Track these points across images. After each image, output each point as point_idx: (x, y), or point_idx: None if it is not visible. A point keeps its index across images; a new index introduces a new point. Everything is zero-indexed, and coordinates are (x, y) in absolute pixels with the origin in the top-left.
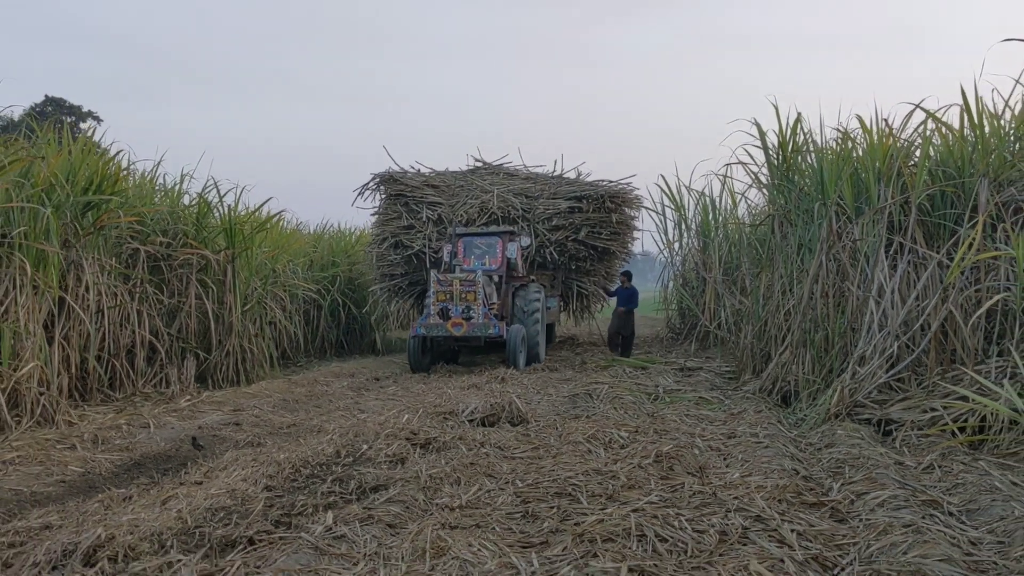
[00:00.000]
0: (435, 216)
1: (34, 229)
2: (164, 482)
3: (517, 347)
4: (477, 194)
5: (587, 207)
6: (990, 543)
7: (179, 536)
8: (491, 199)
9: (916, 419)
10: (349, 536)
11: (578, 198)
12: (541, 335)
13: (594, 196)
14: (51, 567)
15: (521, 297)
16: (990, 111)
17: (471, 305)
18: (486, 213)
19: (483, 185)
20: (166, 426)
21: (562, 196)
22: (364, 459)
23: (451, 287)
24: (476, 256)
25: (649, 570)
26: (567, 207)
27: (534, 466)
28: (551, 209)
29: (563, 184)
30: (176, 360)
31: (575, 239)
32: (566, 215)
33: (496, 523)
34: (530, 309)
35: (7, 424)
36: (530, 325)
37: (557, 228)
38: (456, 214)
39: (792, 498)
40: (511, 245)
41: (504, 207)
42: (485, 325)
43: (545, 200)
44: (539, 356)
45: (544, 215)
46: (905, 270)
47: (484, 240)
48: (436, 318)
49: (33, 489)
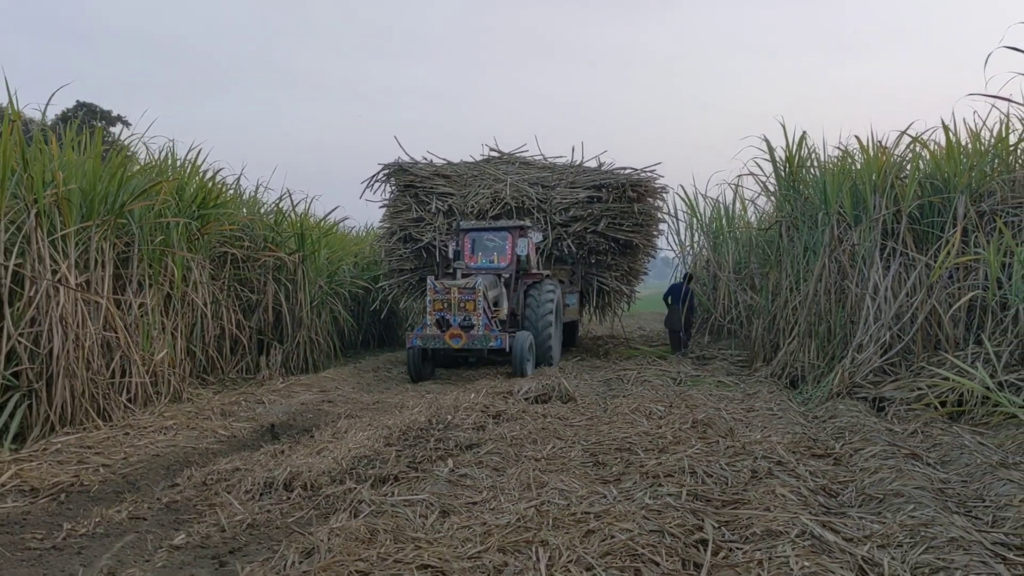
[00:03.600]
0: (445, 207)
1: (168, 239)
2: (303, 440)
3: (524, 356)
4: (490, 184)
5: (607, 196)
6: (956, 481)
7: (343, 474)
8: (504, 189)
9: (905, 396)
10: (470, 475)
11: (597, 187)
12: (554, 337)
13: (614, 184)
14: (260, 493)
15: (533, 296)
16: (972, 130)
17: (470, 315)
18: (499, 204)
19: (496, 174)
20: (275, 403)
21: (581, 185)
22: (453, 426)
23: (449, 295)
24: (484, 253)
25: (703, 494)
26: (586, 196)
27: (592, 431)
28: (568, 199)
29: (582, 173)
30: (254, 350)
31: (594, 231)
32: (584, 205)
33: (575, 468)
34: (543, 311)
35: (151, 399)
36: (542, 328)
37: (575, 219)
38: (467, 205)
39: (804, 451)
40: (522, 241)
41: (518, 197)
42: (486, 337)
43: (562, 189)
44: (551, 359)
45: (561, 205)
46: (897, 271)
47: (493, 236)
48: (433, 329)
49: (202, 446)
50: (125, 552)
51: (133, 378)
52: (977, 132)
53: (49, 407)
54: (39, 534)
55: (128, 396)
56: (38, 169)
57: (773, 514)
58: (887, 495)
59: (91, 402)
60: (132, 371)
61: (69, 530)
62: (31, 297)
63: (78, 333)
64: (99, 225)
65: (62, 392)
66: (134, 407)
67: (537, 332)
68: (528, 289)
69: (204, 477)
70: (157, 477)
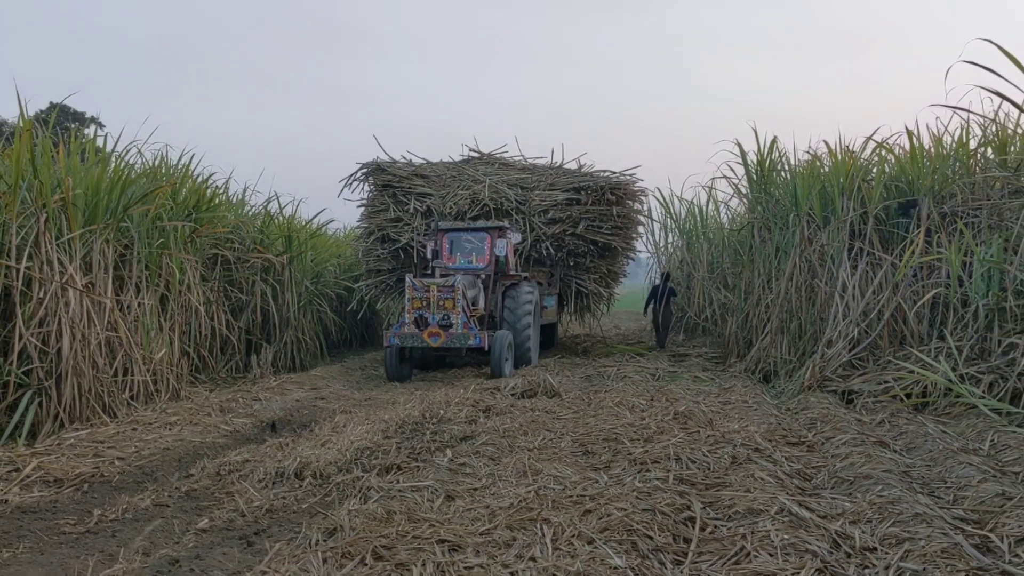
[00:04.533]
0: (423, 208)
1: (167, 241)
2: (305, 434)
3: (503, 355)
4: (468, 184)
5: (586, 199)
6: (920, 465)
7: (349, 464)
8: (483, 190)
9: (872, 389)
10: (468, 463)
11: (577, 189)
12: (533, 338)
13: (593, 187)
14: (272, 482)
15: (512, 297)
16: (935, 135)
17: (449, 313)
18: (477, 205)
19: (475, 175)
20: (270, 400)
21: (559, 187)
22: (446, 419)
23: (427, 293)
24: (462, 254)
25: (688, 478)
26: (564, 199)
27: (579, 423)
28: (547, 201)
29: (561, 175)
30: (242, 350)
31: (573, 233)
32: (563, 207)
33: (566, 457)
34: (521, 312)
35: (151, 397)
36: (520, 329)
37: (554, 221)
38: (446, 206)
39: (779, 439)
40: (500, 242)
41: (497, 198)
42: (465, 335)
43: (541, 191)
44: (530, 359)
45: (540, 207)
46: (864, 270)
47: (471, 236)
48: (411, 327)
49: (207, 440)
50: (155, 535)
51: (135, 376)
52: (939, 137)
53: (59, 404)
54: (71, 520)
55: (131, 394)
56: (47, 175)
57: (753, 495)
58: (857, 478)
59: (97, 399)
60: (134, 369)
61: (100, 516)
62: (40, 298)
63: (84, 333)
64: (102, 229)
65: (71, 389)
66: (136, 404)
67: (516, 333)
68: (506, 290)
69: (217, 468)
70: (171, 468)
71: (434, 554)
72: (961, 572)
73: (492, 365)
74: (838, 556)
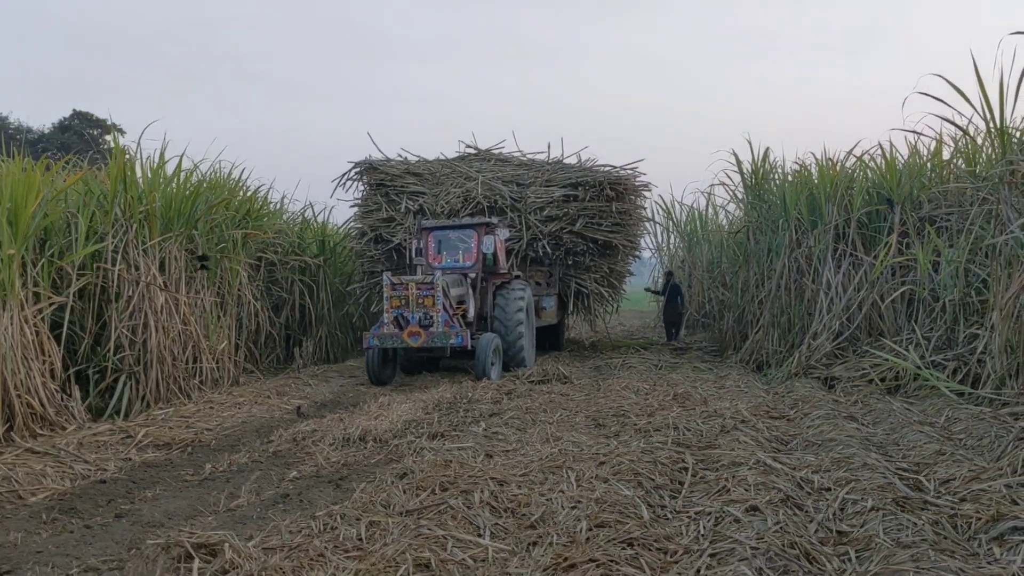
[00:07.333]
0: (416, 207)
1: (227, 246)
2: (357, 411)
3: (488, 358)
4: (461, 182)
5: (584, 195)
6: (880, 434)
7: (402, 431)
8: (476, 187)
9: (851, 375)
10: (500, 432)
11: (574, 185)
12: (526, 339)
13: (592, 183)
14: (341, 444)
15: (503, 296)
16: (911, 145)
17: (429, 311)
18: (471, 203)
19: (469, 172)
20: (319, 385)
21: (556, 183)
22: (475, 400)
23: (407, 291)
24: (449, 253)
25: (684, 441)
26: (561, 195)
27: (591, 403)
28: (543, 198)
29: (559, 170)
30: (282, 343)
31: (571, 231)
32: (560, 204)
33: (581, 428)
34: (512, 310)
35: (216, 383)
36: (511, 329)
37: (550, 219)
38: (438, 204)
39: (763, 414)
40: (488, 239)
41: (491, 196)
42: (446, 334)
43: (537, 188)
44: (524, 361)
45: (536, 204)
46: (847, 269)
47: (457, 234)
48: (391, 327)
49: (275, 416)
50: (260, 481)
51: (203, 364)
52: (915, 147)
53: (146, 387)
54: (189, 472)
55: (200, 380)
56: (134, 191)
57: (736, 452)
58: (824, 442)
59: (175, 383)
60: (201, 359)
61: (211, 469)
62: (130, 296)
63: (165, 326)
64: (177, 236)
65: (156, 375)
66: (205, 388)
67: (507, 333)
68: (497, 290)
69: (292, 435)
70: (253, 436)
71: (488, 485)
72: (890, 498)
73: (476, 368)
74: (800, 494)
